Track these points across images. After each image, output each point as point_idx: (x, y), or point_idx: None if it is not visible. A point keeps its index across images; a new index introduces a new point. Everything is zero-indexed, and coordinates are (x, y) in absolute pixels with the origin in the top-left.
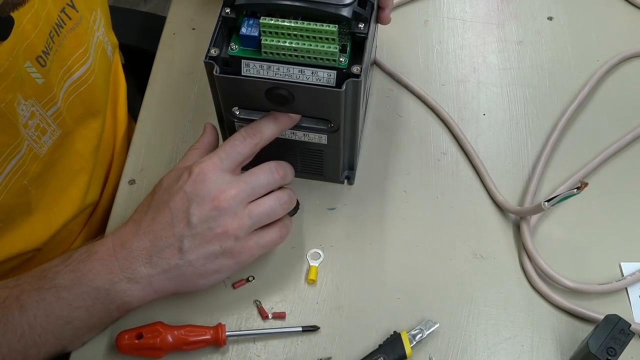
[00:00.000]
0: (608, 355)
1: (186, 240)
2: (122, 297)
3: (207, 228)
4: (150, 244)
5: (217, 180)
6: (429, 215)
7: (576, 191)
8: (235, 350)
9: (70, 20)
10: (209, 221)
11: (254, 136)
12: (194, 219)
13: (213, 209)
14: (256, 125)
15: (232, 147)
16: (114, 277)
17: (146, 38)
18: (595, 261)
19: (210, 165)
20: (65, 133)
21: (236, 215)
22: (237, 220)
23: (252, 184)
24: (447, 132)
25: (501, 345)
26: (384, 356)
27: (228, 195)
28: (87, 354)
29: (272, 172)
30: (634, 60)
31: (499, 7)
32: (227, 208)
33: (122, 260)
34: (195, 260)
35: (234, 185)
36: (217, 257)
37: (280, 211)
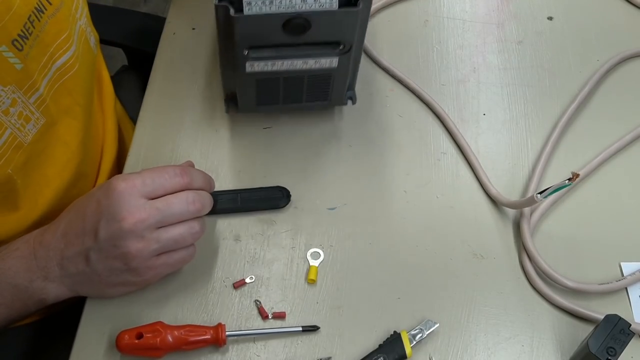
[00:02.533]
0: (608, 355)
1: (92, 253)
2: (38, 294)
3: (112, 245)
4: (64, 247)
5: (131, 202)
6: (429, 215)
7: (568, 182)
8: (235, 350)
9: (50, 5)
10: (114, 239)
11: (184, 177)
12: (101, 234)
13: (119, 229)
14: (190, 171)
15: (160, 177)
16: (32, 275)
17: (146, 40)
18: (595, 261)
19: (129, 185)
20: (51, 122)
21: (142, 239)
22: (143, 243)
23: (164, 213)
24: (447, 132)
25: (501, 345)
26: (384, 356)
27: (136, 219)
28: (87, 354)
29: (187, 204)
30: (634, 60)
31: (499, 7)
32: (134, 231)
33: (39, 259)
34: (102, 272)
35: (145, 210)
36: (122, 273)
37: (189, 240)
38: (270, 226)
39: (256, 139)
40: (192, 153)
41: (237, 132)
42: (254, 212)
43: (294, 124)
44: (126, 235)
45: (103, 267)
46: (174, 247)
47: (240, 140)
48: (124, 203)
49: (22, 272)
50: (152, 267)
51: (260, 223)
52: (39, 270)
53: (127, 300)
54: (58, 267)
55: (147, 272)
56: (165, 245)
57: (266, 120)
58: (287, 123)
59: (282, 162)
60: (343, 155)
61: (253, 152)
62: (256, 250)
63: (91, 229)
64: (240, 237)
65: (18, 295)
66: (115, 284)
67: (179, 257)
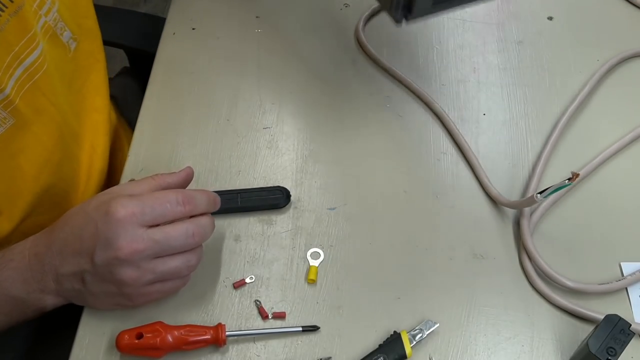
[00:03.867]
0: (608, 355)
1: (87, 275)
2: (36, 304)
3: (108, 271)
4: (59, 264)
5: (128, 232)
6: (429, 215)
7: (568, 182)
8: (235, 350)
9: (12, 3)
10: (109, 266)
11: (186, 206)
12: (97, 259)
13: (115, 258)
14: (193, 197)
15: (161, 205)
16: (29, 287)
17: (147, 40)
18: (595, 261)
19: (129, 213)
20: (22, 123)
21: (138, 268)
22: (139, 273)
23: (163, 245)
24: (447, 132)
25: (501, 345)
26: (384, 356)
27: (133, 249)
28: (87, 354)
29: (186, 237)
30: (634, 60)
31: (499, 7)
32: (130, 261)
33: (35, 272)
34: (96, 292)
35: (142, 241)
36: (115, 296)
37: (185, 272)
38: (270, 226)
39: (256, 139)
40: (192, 153)
41: (237, 131)
42: (254, 212)
43: (294, 124)
44: (121, 263)
45: (98, 289)
46: (169, 278)
47: (240, 140)
48: (121, 232)
49: (18, 283)
50: (145, 294)
51: (260, 223)
52: (35, 282)
53: None
54: (54, 282)
55: (139, 298)
56: (160, 276)
57: (266, 120)
58: (288, 124)
59: (282, 162)
60: (342, 155)
61: (253, 151)
62: (256, 250)
63: (87, 252)
64: (240, 237)
65: (16, 305)
66: (109, 304)
67: (173, 286)
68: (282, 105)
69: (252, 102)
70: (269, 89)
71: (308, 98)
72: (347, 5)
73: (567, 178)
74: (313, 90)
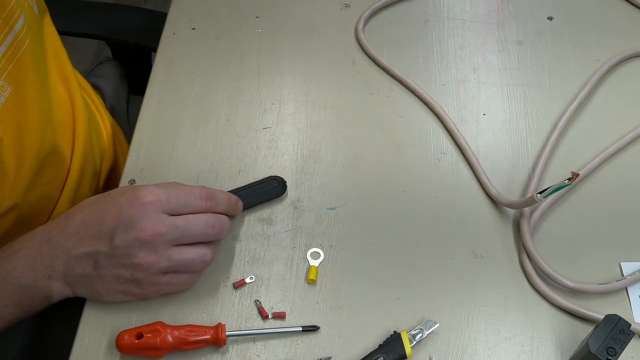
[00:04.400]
0: (608, 355)
1: (102, 258)
2: (44, 292)
3: (125, 254)
4: (72, 246)
5: (152, 215)
6: (429, 215)
7: (568, 182)
8: (235, 350)
9: None
10: (128, 248)
11: (208, 202)
12: (116, 241)
13: (136, 239)
14: (216, 195)
15: (185, 197)
16: (37, 274)
17: (147, 35)
18: (595, 261)
19: (155, 199)
20: (20, 87)
21: (156, 253)
22: (155, 257)
23: (183, 231)
24: (447, 132)
25: (501, 345)
26: (384, 356)
27: (155, 232)
28: (87, 354)
29: (207, 227)
30: (634, 60)
31: (499, 7)
32: (150, 244)
33: (45, 257)
34: (106, 277)
35: (165, 225)
36: (126, 282)
37: (198, 266)
38: (270, 226)
39: (256, 139)
40: (192, 153)
41: (237, 131)
42: (255, 209)
43: (294, 124)
44: (141, 245)
45: (109, 274)
46: (181, 270)
47: (240, 140)
48: (145, 214)
49: (27, 271)
50: (155, 283)
51: (260, 223)
52: (44, 268)
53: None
54: (64, 266)
55: (149, 287)
56: (174, 265)
57: (266, 120)
58: (288, 124)
59: (282, 162)
60: (342, 155)
61: (253, 151)
62: (256, 250)
63: (107, 233)
64: (240, 237)
65: (25, 294)
66: (116, 292)
67: (183, 280)
68: (282, 105)
69: (252, 102)
70: (269, 89)
71: (308, 98)
72: (347, 5)
73: (567, 178)
74: (313, 90)
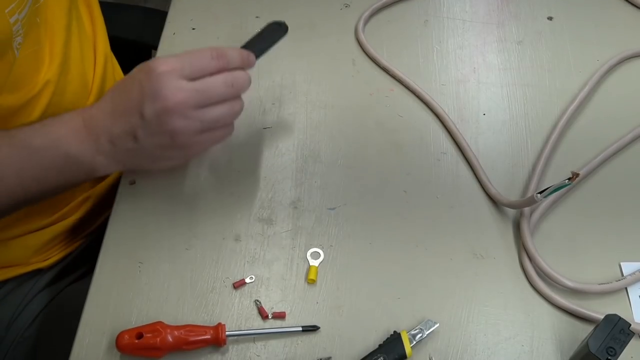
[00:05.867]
0: (608, 355)
1: (140, 130)
2: (90, 165)
3: (158, 123)
4: (111, 125)
5: (171, 83)
6: (429, 215)
7: (567, 182)
8: (235, 350)
9: None
10: (159, 117)
11: (220, 60)
12: (147, 113)
13: (163, 108)
14: (226, 53)
15: (199, 60)
16: (84, 147)
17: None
18: (595, 261)
19: (169, 67)
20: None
21: (186, 117)
22: (187, 121)
23: (203, 94)
24: (447, 132)
25: (501, 345)
26: (384, 356)
27: (178, 98)
28: (87, 354)
29: (226, 86)
30: (634, 60)
31: (499, 7)
32: (177, 110)
33: (91, 134)
34: (148, 147)
35: (185, 91)
36: (168, 148)
37: (230, 119)
38: (270, 226)
39: (256, 139)
40: None
41: (237, 132)
42: (255, 209)
43: (294, 124)
44: (170, 114)
45: (151, 144)
46: (216, 126)
47: (240, 140)
48: (164, 84)
49: (74, 142)
50: (196, 142)
51: (260, 223)
52: (90, 143)
53: (127, 300)
54: (108, 143)
55: (192, 148)
56: (207, 125)
57: (266, 120)
58: (288, 124)
59: (282, 162)
60: (342, 155)
61: (253, 151)
62: (256, 250)
63: (136, 108)
64: (240, 237)
65: (69, 162)
66: (162, 158)
67: (221, 134)
68: (282, 105)
69: (252, 102)
70: (269, 89)
71: (308, 98)
72: (347, 5)
73: (567, 178)
74: (313, 90)
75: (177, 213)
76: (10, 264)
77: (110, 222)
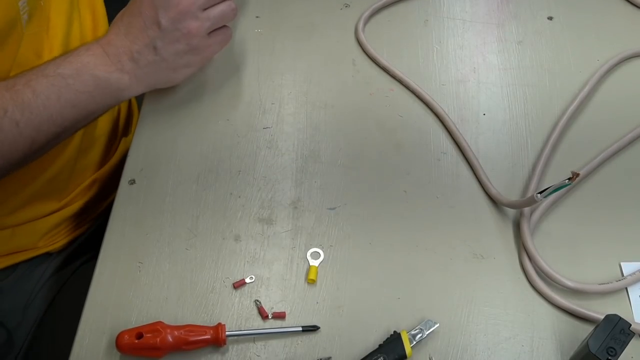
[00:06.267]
0: (608, 355)
1: (159, 41)
2: (117, 85)
3: (174, 29)
4: (130, 44)
5: None
6: (429, 215)
7: (568, 182)
8: (235, 350)
9: None
10: (175, 23)
11: None
12: (163, 22)
13: (177, 13)
14: None
15: None
16: (109, 68)
17: None
18: (595, 261)
19: None
20: None
21: (197, 19)
22: (199, 22)
23: None
24: (447, 132)
25: (501, 345)
26: (384, 356)
27: (189, 2)
28: (87, 354)
29: None
30: (634, 60)
31: (499, 7)
32: (189, 12)
33: (112, 56)
34: (168, 57)
35: None
36: (185, 54)
37: (231, 15)
38: (270, 226)
39: (256, 139)
40: (192, 153)
41: (237, 131)
42: (255, 209)
43: (294, 124)
44: (184, 17)
45: (169, 52)
46: (220, 24)
47: (240, 140)
48: None
49: (99, 65)
50: (208, 44)
51: (260, 223)
52: (114, 64)
53: (127, 300)
54: (130, 61)
55: (205, 50)
56: (215, 22)
57: (266, 120)
58: (288, 124)
59: (282, 162)
60: (342, 155)
61: (253, 151)
62: (256, 250)
63: (152, 21)
64: (240, 237)
65: (100, 85)
66: (180, 66)
67: (224, 36)
68: (282, 105)
69: (252, 102)
70: (269, 89)
71: (308, 98)
72: (347, 5)
73: (567, 178)
74: (313, 90)
75: (177, 213)
76: (18, 249)
77: (110, 222)
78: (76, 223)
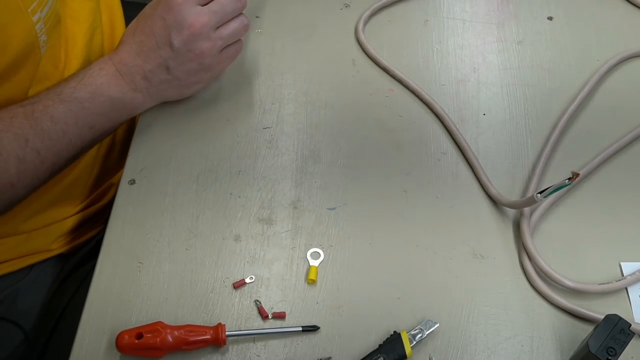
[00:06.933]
0: (608, 355)
1: (171, 61)
2: (132, 104)
3: (187, 50)
4: (143, 63)
5: (190, 11)
6: (429, 215)
7: (568, 182)
8: (235, 350)
9: None
10: (188, 45)
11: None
12: (176, 43)
13: (190, 35)
14: None
15: None
16: (123, 88)
17: None
18: (595, 261)
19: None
20: None
21: (209, 39)
22: (211, 42)
23: (220, 13)
24: (447, 132)
25: (501, 345)
26: (384, 356)
27: (201, 22)
28: (87, 354)
29: (235, 2)
30: (634, 60)
31: (499, 7)
32: (202, 34)
33: (125, 76)
34: (180, 75)
35: (205, 14)
36: (197, 72)
37: (242, 32)
38: (270, 226)
39: (256, 139)
40: (192, 153)
41: (237, 131)
42: (255, 209)
43: (294, 124)
44: (197, 38)
45: (181, 71)
46: (232, 41)
47: (240, 140)
48: (186, 13)
49: (114, 86)
50: (220, 61)
51: (260, 223)
52: (127, 83)
53: (127, 300)
54: (143, 80)
55: (216, 67)
56: (227, 41)
57: (266, 120)
58: (288, 124)
59: (282, 162)
60: (342, 155)
61: (253, 151)
62: (256, 250)
63: (165, 42)
64: (240, 237)
65: (115, 105)
66: (192, 83)
67: (236, 50)
68: (282, 105)
69: (252, 102)
70: (269, 89)
71: (308, 98)
72: (347, 5)
73: (567, 178)
74: (313, 90)
75: (177, 213)
76: (33, 251)
77: (110, 222)
78: (90, 224)
